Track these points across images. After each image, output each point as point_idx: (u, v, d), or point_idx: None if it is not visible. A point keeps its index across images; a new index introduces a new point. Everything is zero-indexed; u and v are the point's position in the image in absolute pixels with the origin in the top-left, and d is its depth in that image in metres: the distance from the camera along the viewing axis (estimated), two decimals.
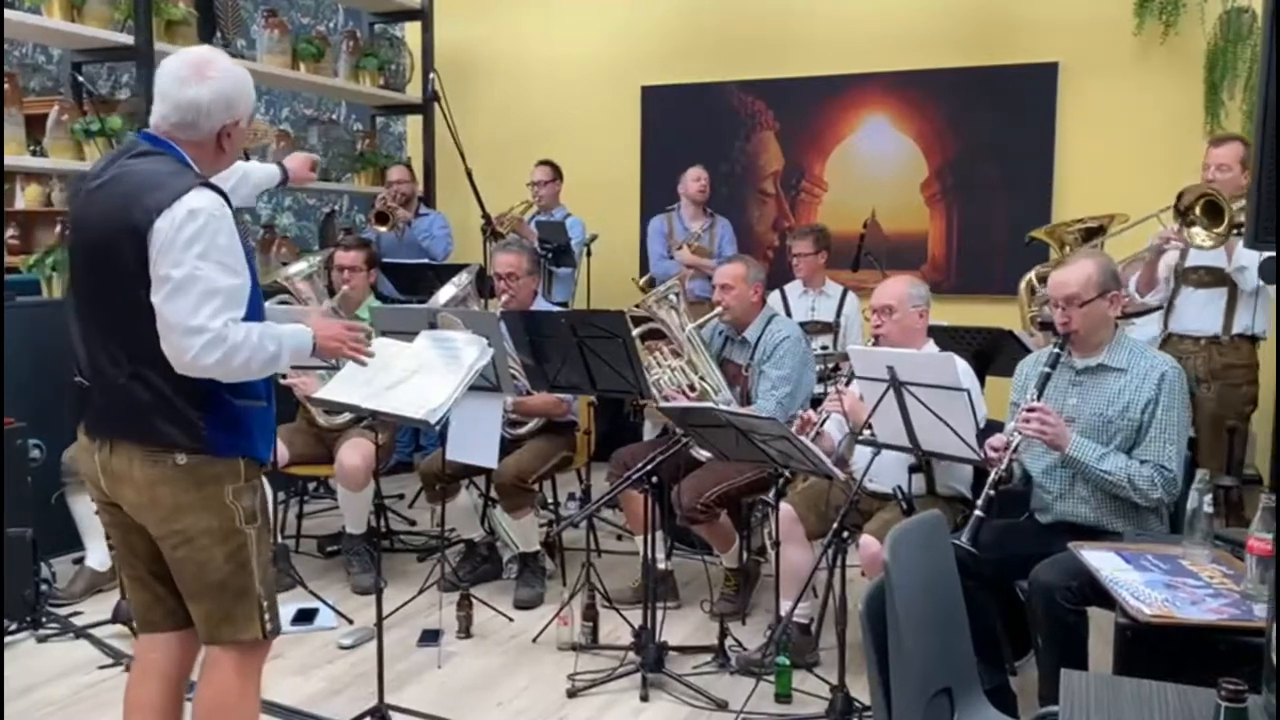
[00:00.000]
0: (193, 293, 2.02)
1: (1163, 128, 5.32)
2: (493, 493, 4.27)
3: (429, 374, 2.72)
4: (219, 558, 2.17)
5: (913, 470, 3.26)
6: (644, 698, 3.20)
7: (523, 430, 4.11)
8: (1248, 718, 1.43)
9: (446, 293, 4.27)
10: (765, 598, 3.95)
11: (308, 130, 6.35)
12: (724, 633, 3.47)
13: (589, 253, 5.77)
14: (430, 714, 3.04)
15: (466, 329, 2.97)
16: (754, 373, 3.88)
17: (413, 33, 6.78)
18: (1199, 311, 3.95)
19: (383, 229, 5.61)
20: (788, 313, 4.85)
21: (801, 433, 3.06)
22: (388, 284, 5.39)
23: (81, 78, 4.80)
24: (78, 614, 3.74)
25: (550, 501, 4.54)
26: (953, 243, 5.96)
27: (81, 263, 2.20)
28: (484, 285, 4.69)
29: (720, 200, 6.05)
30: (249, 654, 2.27)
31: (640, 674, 3.25)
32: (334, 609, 3.85)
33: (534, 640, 3.64)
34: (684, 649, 3.50)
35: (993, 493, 2.74)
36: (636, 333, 3.75)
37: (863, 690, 2.61)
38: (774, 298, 4.87)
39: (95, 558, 3.97)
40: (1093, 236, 4.24)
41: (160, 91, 2.17)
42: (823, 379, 4.27)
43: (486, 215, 5.25)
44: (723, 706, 3.13)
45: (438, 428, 2.85)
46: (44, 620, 3.64)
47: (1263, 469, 4.29)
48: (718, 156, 6.30)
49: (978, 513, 2.72)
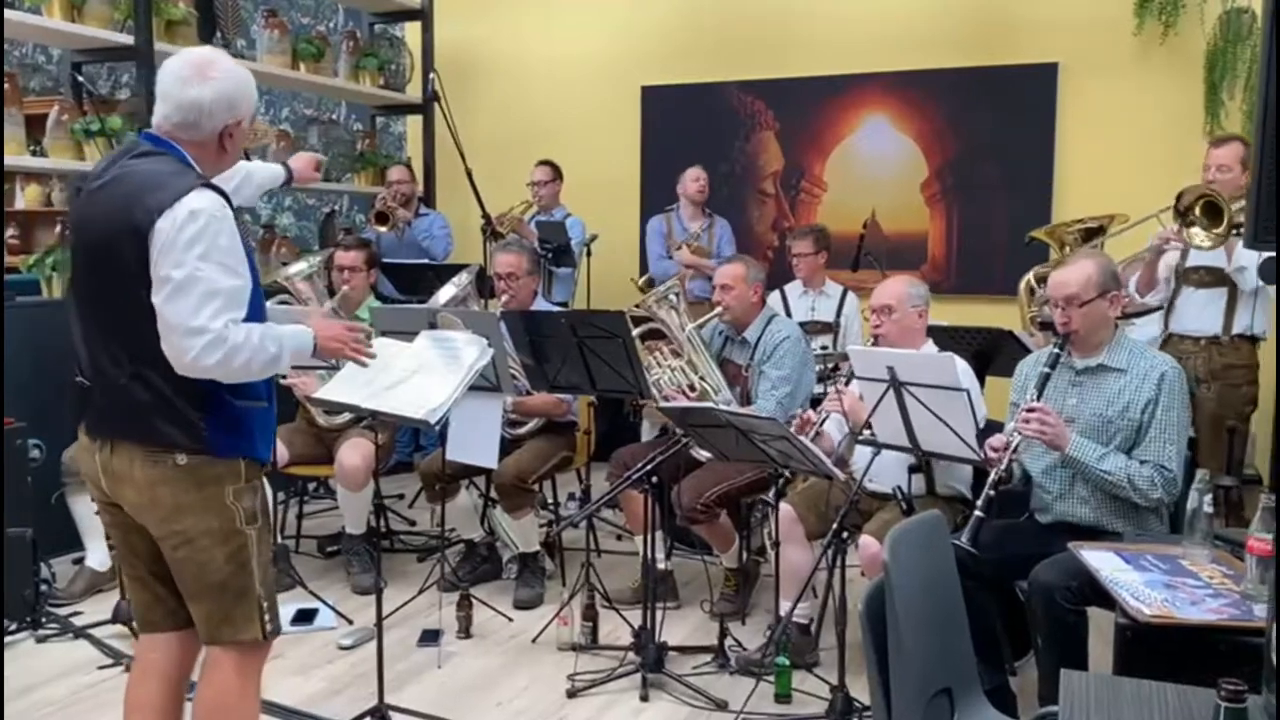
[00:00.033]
0: (193, 294, 2.02)
1: (1163, 128, 5.32)
2: (492, 493, 4.28)
3: (429, 374, 2.72)
4: (219, 558, 2.17)
5: (912, 470, 3.26)
6: (644, 698, 3.20)
7: (523, 430, 4.11)
8: (1247, 718, 1.43)
9: (446, 293, 4.27)
10: (765, 598, 3.95)
11: (308, 130, 6.35)
12: (724, 633, 3.47)
13: (589, 253, 5.77)
14: (430, 714, 3.04)
15: (466, 329, 2.97)
16: (754, 373, 3.88)
17: (413, 33, 6.78)
18: (1199, 312, 3.95)
19: (383, 229, 5.61)
20: (788, 313, 4.85)
21: (801, 432, 3.06)
22: (388, 284, 5.39)
23: (81, 78, 4.80)
24: (77, 614, 3.74)
25: (550, 502, 4.54)
26: (953, 243, 5.96)
27: (83, 263, 2.20)
28: (484, 285, 4.68)
29: (720, 200, 6.04)
30: (249, 654, 2.27)
31: (640, 674, 3.25)
32: (334, 609, 3.85)
33: (534, 640, 3.64)
34: (684, 649, 3.50)
35: (992, 493, 2.74)
36: (636, 333, 3.76)
37: (862, 690, 2.61)
38: (774, 298, 4.86)
39: (95, 558, 3.97)
40: (1093, 237, 4.24)
41: (162, 91, 2.17)
42: (822, 379, 4.27)
43: (486, 215, 5.25)
44: (722, 707, 3.13)
45: (438, 428, 2.85)
46: (44, 620, 3.64)
47: (1262, 469, 4.29)
48: (718, 157, 6.30)
49: (977, 513, 2.72)
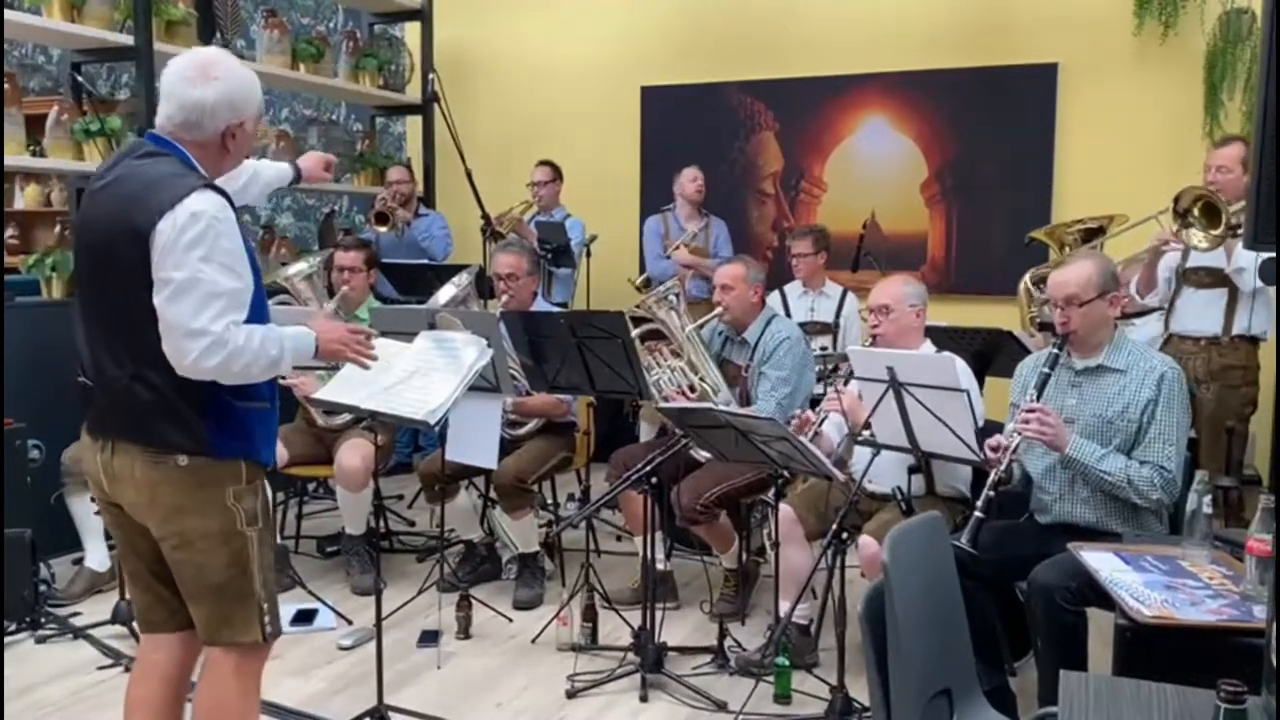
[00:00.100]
0: (194, 295, 2.02)
1: (1163, 128, 5.33)
2: (492, 493, 4.28)
3: (428, 375, 2.72)
4: (219, 560, 2.17)
5: (912, 471, 3.25)
6: (643, 698, 3.20)
7: (522, 431, 4.11)
8: (1247, 719, 1.43)
9: (446, 293, 4.27)
10: (764, 598, 3.95)
11: (307, 131, 6.35)
12: (723, 633, 3.47)
13: (589, 253, 5.77)
14: (429, 715, 3.04)
15: (466, 329, 2.97)
16: (753, 373, 3.88)
17: (412, 33, 6.78)
18: (1199, 312, 3.95)
19: (382, 229, 5.61)
20: (787, 313, 4.84)
21: (800, 433, 3.06)
22: (387, 284, 5.39)
23: (81, 78, 4.80)
24: (77, 614, 3.74)
25: (549, 502, 4.53)
26: (952, 243, 5.95)
27: (85, 264, 2.21)
28: (483, 286, 4.68)
29: (719, 201, 6.03)
30: (249, 656, 2.27)
31: (639, 675, 3.25)
32: (333, 609, 3.84)
33: (533, 641, 3.64)
34: (683, 650, 3.50)
35: (992, 494, 2.74)
36: (636, 333, 3.75)
37: (862, 691, 2.60)
38: (773, 298, 4.86)
39: (94, 558, 3.97)
40: (1092, 237, 4.25)
41: (166, 91, 2.17)
42: (822, 379, 4.27)
43: (486, 216, 5.25)
44: (722, 707, 3.13)
45: (437, 428, 2.85)
46: (43, 621, 3.64)
47: (1262, 470, 4.29)
48: (717, 157, 6.30)
49: (977, 513, 2.72)
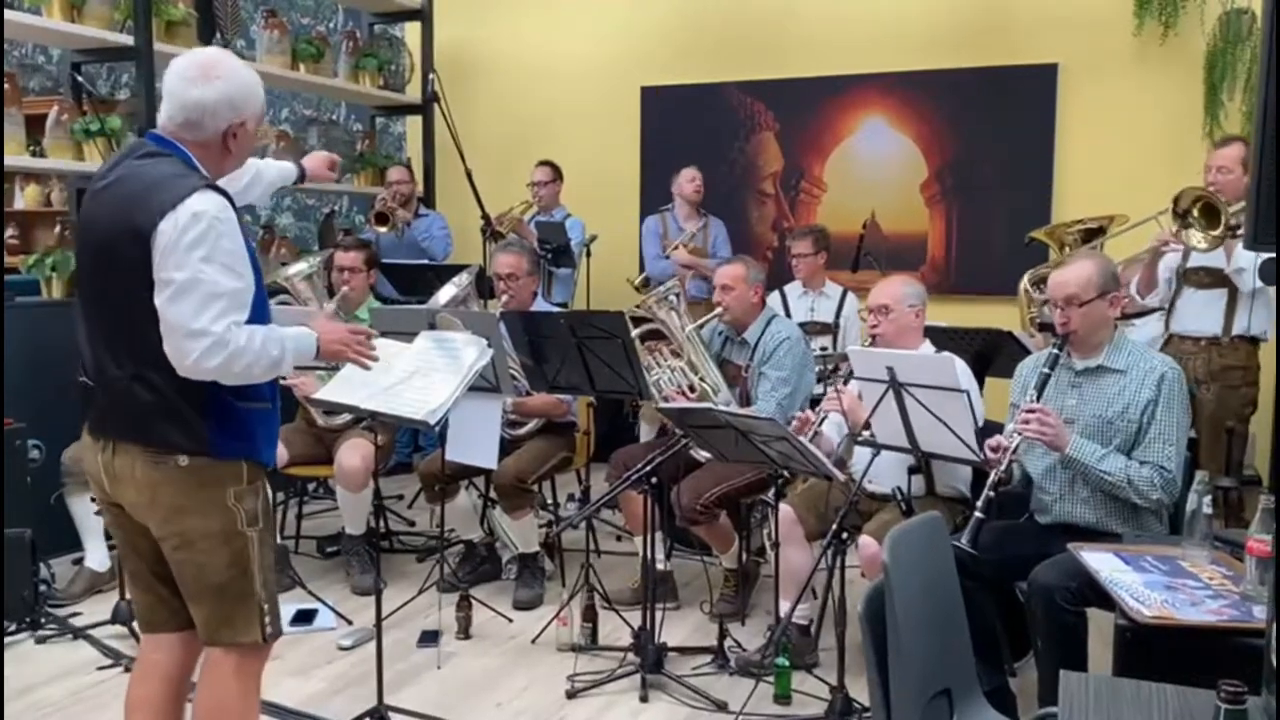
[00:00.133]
0: (195, 296, 2.02)
1: (1162, 128, 5.33)
2: (492, 493, 4.28)
3: (429, 375, 2.72)
4: (220, 560, 2.17)
5: (912, 471, 3.25)
6: (643, 699, 3.19)
7: (522, 431, 4.11)
8: (1247, 719, 1.43)
9: (446, 293, 4.27)
10: (764, 599, 3.95)
11: (307, 131, 6.35)
12: (723, 634, 3.47)
13: (589, 253, 5.77)
14: (429, 715, 3.04)
15: (466, 330, 2.97)
16: (753, 374, 3.88)
17: (412, 33, 6.78)
18: (1199, 312, 3.95)
19: (382, 229, 5.61)
20: (787, 313, 4.84)
21: (799, 433, 3.06)
22: (387, 285, 5.39)
23: (81, 78, 4.80)
24: (77, 615, 3.74)
25: (550, 502, 4.53)
26: (952, 243, 5.96)
27: (87, 264, 2.20)
28: (484, 286, 4.68)
29: (719, 201, 6.03)
30: (249, 656, 2.26)
31: (639, 675, 3.25)
32: (333, 610, 3.84)
33: (533, 641, 3.64)
34: (683, 650, 3.50)
35: (992, 494, 2.74)
36: (636, 333, 3.76)
37: (862, 691, 2.60)
38: (773, 298, 4.86)
39: (94, 558, 3.96)
40: (1092, 237, 4.25)
41: (167, 91, 2.17)
42: (822, 380, 4.27)
43: (486, 216, 5.25)
44: (722, 707, 3.13)
45: (437, 428, 2.85)
46: (43, 621, 3.64)
47: (1262, 470, 4.30)
48: (717, 157, 6.30)
49: (977, 514, 2.72)
